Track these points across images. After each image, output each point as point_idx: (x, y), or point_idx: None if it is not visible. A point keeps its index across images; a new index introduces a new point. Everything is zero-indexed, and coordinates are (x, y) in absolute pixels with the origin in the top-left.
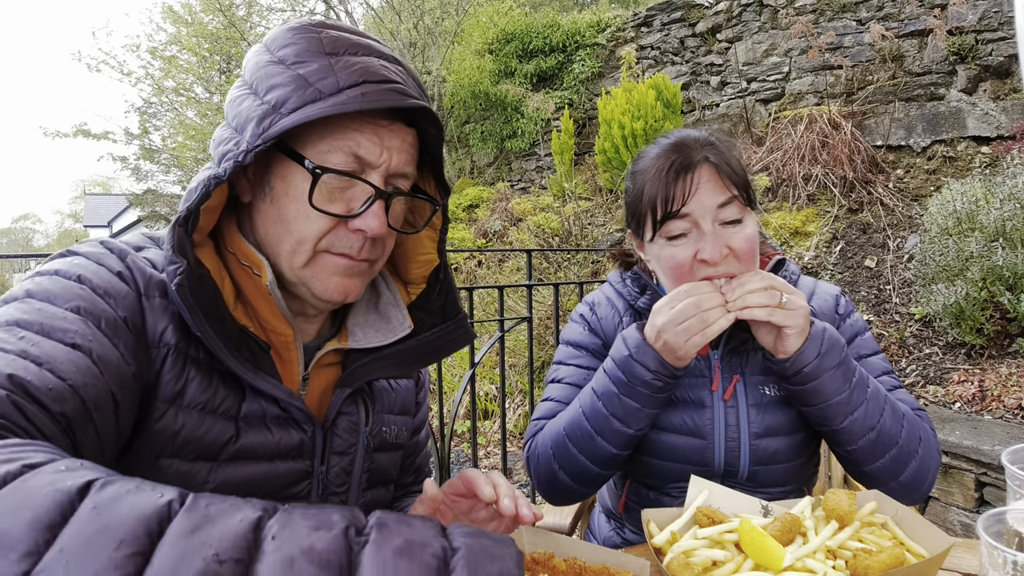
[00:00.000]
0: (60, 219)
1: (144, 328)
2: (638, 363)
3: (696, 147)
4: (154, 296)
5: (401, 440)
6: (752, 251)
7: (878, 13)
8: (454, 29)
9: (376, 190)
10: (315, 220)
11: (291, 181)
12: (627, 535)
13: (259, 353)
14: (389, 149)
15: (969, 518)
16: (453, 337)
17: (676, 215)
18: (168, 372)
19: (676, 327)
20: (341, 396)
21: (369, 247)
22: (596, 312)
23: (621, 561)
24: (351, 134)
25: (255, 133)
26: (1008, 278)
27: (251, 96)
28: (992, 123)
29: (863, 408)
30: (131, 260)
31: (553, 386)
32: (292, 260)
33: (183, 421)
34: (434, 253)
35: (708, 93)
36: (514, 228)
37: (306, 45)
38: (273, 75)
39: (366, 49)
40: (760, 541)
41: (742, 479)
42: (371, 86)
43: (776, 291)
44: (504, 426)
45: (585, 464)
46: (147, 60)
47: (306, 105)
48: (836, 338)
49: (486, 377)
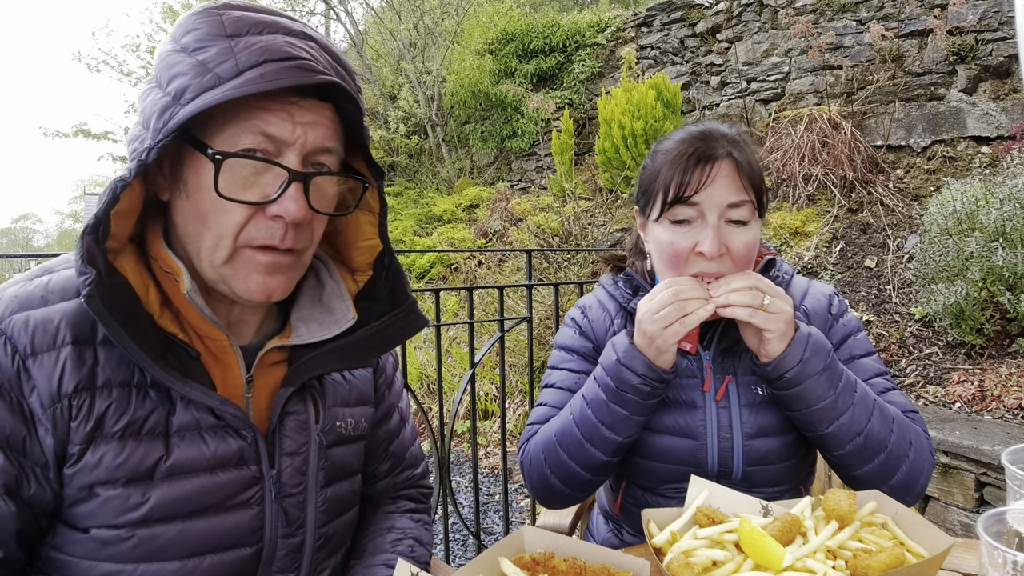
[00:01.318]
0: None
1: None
2: (626, 368)
3: (722, 141)
4: (40, 353)
5: (361, 431)
6: (748, 256)
7: (878, 13)
8: (454, 29)
9: (290, 172)
10: (231, 211)
11: (202, 173)
12: (625, 536)
13: (188, 360)
14: (302, 125)
15: (969, 518)
16: (403, 325)
17: (686, 200)
18: (77, 418)
19: (653, 315)
20: (284, 396)
21: (293, 235)
22: (587, 315)
23: (621, 561)
24: (258, 114)
25: (156, 128)
26: (1008, 278)
27: (156, 89)
28: (992, 123)
29: (849, 413)
30: (7, 327)
31: (547, 391)
32: (213, 257)
33: (101, 452)
34: (376, 238)
35: (708, 93)
36: (514, 228)
37: (207, 29)
38: (174, 64)
39: (271, 27)
40: (760, 541)
41: (736, 479)
42: (272, 64)
43: (760, 292)
44: (504, 426)
45: (576, 470)
46: (147, 60)
47: (204, 92)
48: (821, 343)
49: (486, 377)
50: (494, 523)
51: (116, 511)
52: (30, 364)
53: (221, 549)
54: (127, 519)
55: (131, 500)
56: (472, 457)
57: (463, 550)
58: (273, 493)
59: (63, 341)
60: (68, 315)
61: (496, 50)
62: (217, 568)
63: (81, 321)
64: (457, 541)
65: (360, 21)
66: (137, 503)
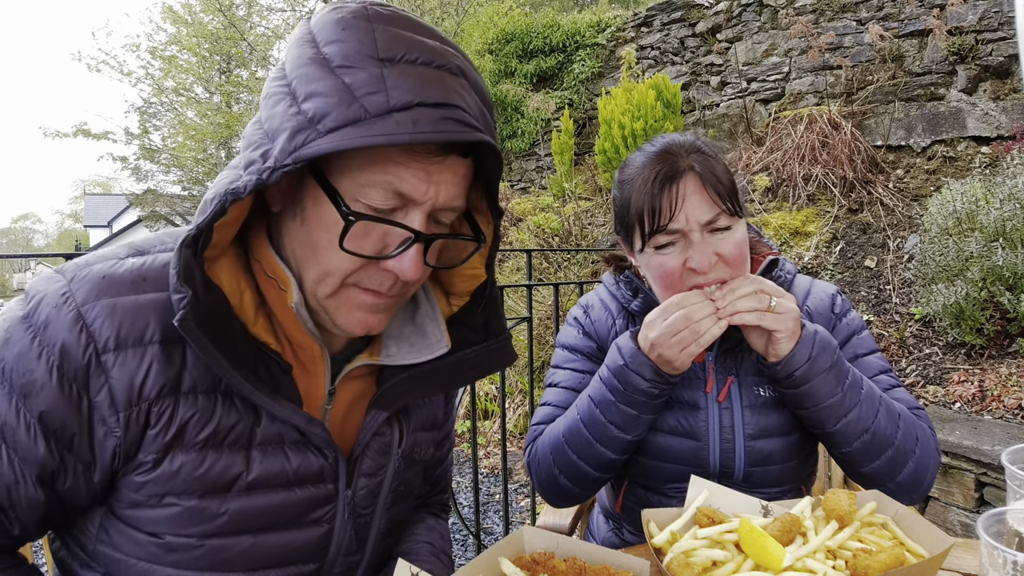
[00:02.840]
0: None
1: (88, 405)
2: (634, 372)
3: (681, 154)
4: (124, 348)
5: (428, 456)
6: (742, 255)
7: (878, 13)
8: (454, 29)
9: (415, 233)
10: (345, 258)
11: (324, 208)
12: (625, 535)
13: (279, 374)
14: (437, 184)
15: (969, 518)
16: (494, 357)
17: (663, 229)
18: (155, 427)
19: (670, 339)
20: (377, 419)
21: (400, 286)
22: (590, 315)
23: (621, 561)
24: (394, 168)
25: (285, 149)
26: (1008, 278)
27: (287, 98)
28: (992, 123)
29: (856, 410)
30: (88, 310)
31: (550, 390)
32: (316, 289)
33: (180, 462)
34: (481, 268)
35: (708, 93)
36: (514, 228)
37: (356, 44)
38: (314, 78)
39: (429, 56)
40: (760, 541)
41: (738, 480)
42: (426, 111)
43: (765, 295)
44: (504, 426)
45: (585, 469)
46: (147, 60)
47: (347, 126)
48: (828, 340)
49: (486, 377)
50: (494, 523)
51: (189, 521)
52: (108, 359)
53: (286, 564)
54: (200, 530)
55: (207, 512)
56: (472, 457)
57: (463, 550)
58: (346, 513)
59: (151, 338)
60: (160, 308)
61: (496, 50)
62: None
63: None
64: (457, 541)
65: None
66: (213, 515)
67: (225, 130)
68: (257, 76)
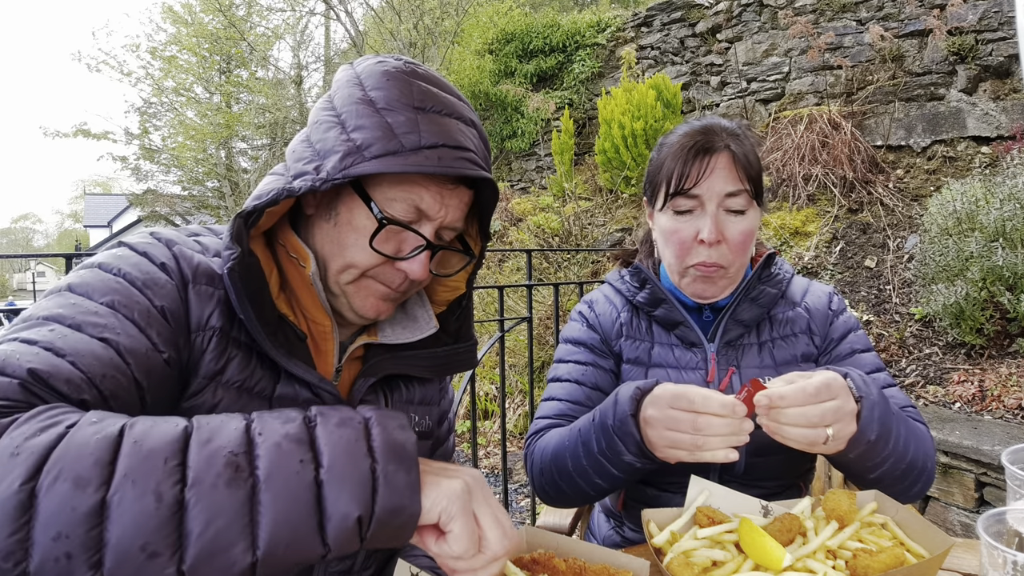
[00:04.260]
0: (60, 219)
1: (187, 314)
2: (619, 439)
3: (722, 134)
4: (200, 283)
5: (426, 428)
6: (745, 244)
7: (878, 13)
8: (454, 29)
9: (427, 242)
10: (369, 255)
11: (356, 215)
12: (626, 533)
13: (295, 340)
14: (447, 207)
15: (969, 518)
16: (460, 359)
17: (686, 192)
18: (211, 352)
19: (664, 431)
20: (365, 384)
21: (408, 285)
22: (594, 309)
23: (621, 561)
24: (418, 190)
25: (336, 167)
26: (1008, 278)
27: (338, 127)
28: (992, 123)
29: (896, 453)
30: (178, 250)
31: (554, 384)
32: (339, 277)
33: (221, 396)
34: (463, 283)
35: (708, 93)
36: (514, 228)
37: (398, 94)
38: (363, 115)
39: (450, 109)
40: (760, 541)
41: (739, 472)
42: (448, 151)
43: (821, 430)
44: (504, 426)
45: (583, 488)
46: (147, 60)
47: (387, 156)
48: (876, 401)
49: (486, 377)
50: None
51: None
52: (191, 291)
53: None
54: None
55: None
56: (472, 457)
57: None
58: None
59: (219, 285)
60: (218, 272)
61: (496, 50)
62: None
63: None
64: None
65: (360, 21)
66: None
67: (225, 130)
68: (257, 76)
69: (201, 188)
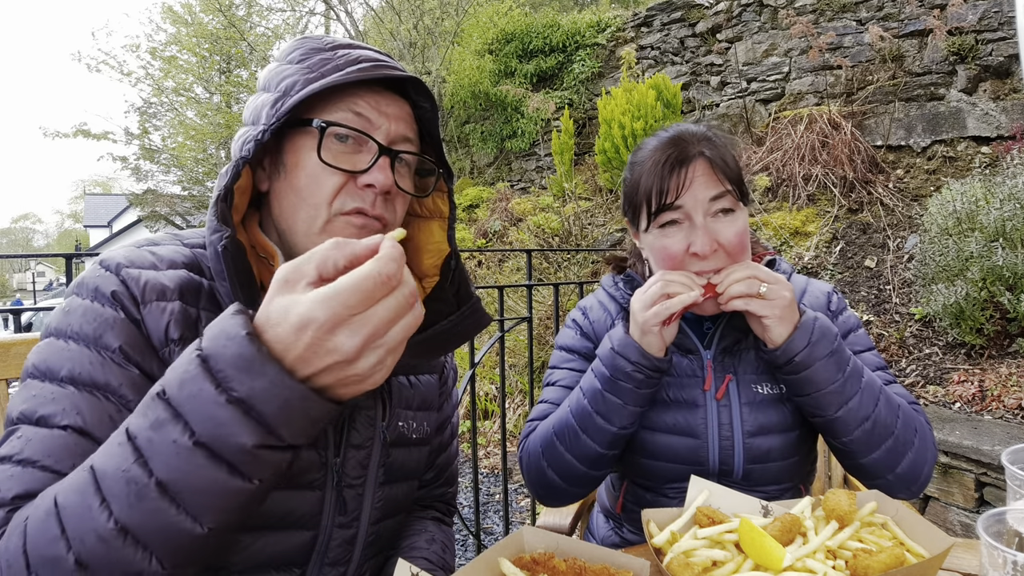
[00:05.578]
0: (60, 219)
1: (148, 337)
2: (620, 356)
3: (693, 141)
4: (151, 301)
5: (423, 435)
6: (741, 244)
7: (878, 13)
8: (454, 29)
9: (380, 146)
10: (325, 181)
11: (302, 151)
12: (625, 535)
13: None
14: (387, 115)
15: (969, 518)
16: (469, 323)
17: (670, 207)
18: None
19: (640, 296)
20: None
21: (381, 203)
22: (588, 316)
23: (621, 561)
24: (351, 99)
25: (269, 115)
26: (1008, 278)
27: (263, 92)
28: (992, 123)
29: (857, 398)
30: (125, 273)
31: (548, 389)
32: (309, 227)
33: None
34: (444, 241)
35: (708, 93)
36: (514, 228)
37: (310, 47)
38: (282, 72)
39: (361, 47)
40: (760, 541)
41: (737, 477)
42: (366, 64)
43: (757, 280)
44: (504, 426)
45: (572, 462)
46: (147, 60)
47: (309, 85)
48: (827, 327)
49: (486, 377)
50: (494, 523)
51: None
52: (143, 312)
53: (280, 528)
54: None
55: None
56: (472, 457)
57: (463, 550)
58: (335, 480)
59: (172, 297)
60: (176, 280)
61: (496, 50)
62: (273, 547)
63: (187, 286)
64: (457, 541)
65: (360, 21)
66: None
67: (225, 130)
68: (257, 76)
69: (201, 188)
